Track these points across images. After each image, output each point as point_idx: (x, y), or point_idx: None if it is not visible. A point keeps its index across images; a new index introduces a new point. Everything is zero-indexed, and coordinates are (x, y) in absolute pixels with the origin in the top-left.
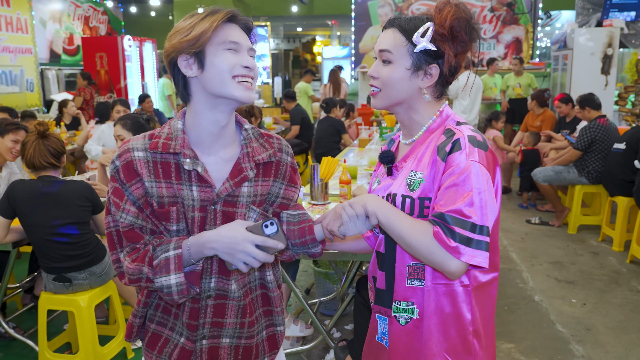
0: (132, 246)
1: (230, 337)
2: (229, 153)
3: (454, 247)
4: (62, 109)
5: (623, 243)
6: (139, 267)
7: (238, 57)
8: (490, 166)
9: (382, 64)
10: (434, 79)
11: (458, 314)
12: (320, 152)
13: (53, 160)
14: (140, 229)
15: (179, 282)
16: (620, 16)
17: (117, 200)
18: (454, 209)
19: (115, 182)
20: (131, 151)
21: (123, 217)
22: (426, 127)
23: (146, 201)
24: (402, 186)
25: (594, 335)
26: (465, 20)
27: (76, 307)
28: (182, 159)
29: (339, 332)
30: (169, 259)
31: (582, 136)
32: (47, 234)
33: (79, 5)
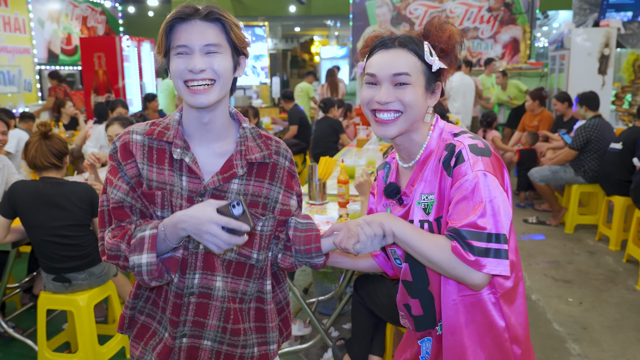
0: (117, 223)
1: (211, 340)
2: (223, 147)
3: (474, 260)
4: (60, 109)
5: (620, 242)
6: (118, 243)
7: (187, 61)
8: (496, 171)
9: (393, 88)
10: (437, 97)
11: (491, 323)
12: (318, 152)
13: (55, 160)
14: (129, 208)
15: (149, 261)
16: (617, 16)
17: (111, 177)
18: (468, 222)
19: (112, 160)
20: (130, 133)
21: (114, 192)
22: (425, 146)
23: (139, 181)
24: (418, 211)
25: (590, 334)
26: (461, 40)
27: (75, 306)
28: (173, 148)
29: (337, 331)
30: (144, 238)
31: (577, 136)
32: (47, 234)
33: (76, 5)
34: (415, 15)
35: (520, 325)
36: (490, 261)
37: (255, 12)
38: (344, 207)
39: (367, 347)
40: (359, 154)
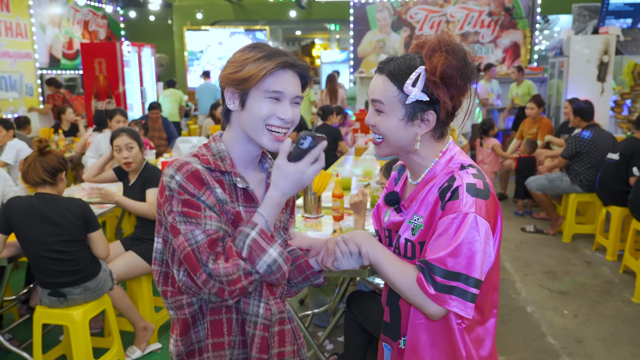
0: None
1: None
2: (257, 175)
3: (434, 295)
4: (60, 115)
5: (616, 252)
6: (236, 262)
7: (277, 107)
8: (489, 214)
9: (376, 113)
10: (431, 125)
11: (455, 349)
12: None
13: (46, 176)
14: (223, 238)
15: (279, 251)
16: (616, 23)
17: (191, 211)
18: (438, 257)
19: (182, 194)
20: (190, 163)
21: (208, 224)
22: (428, 170)
23: (220, 209)
24: (407, 229)
25: (584, 347)
26: (457, 67)
27: (71, 321)
28: (234, 178)
29: (332, 344)
30: (255, 240)
31: (568, 145)
32: (42, 250)
33: (78, 10)
34: (415, 20)
35: (480, 356)
36: (453, 299)
37: (256, 16)
38: (338, 220)
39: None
40: (356, 164)
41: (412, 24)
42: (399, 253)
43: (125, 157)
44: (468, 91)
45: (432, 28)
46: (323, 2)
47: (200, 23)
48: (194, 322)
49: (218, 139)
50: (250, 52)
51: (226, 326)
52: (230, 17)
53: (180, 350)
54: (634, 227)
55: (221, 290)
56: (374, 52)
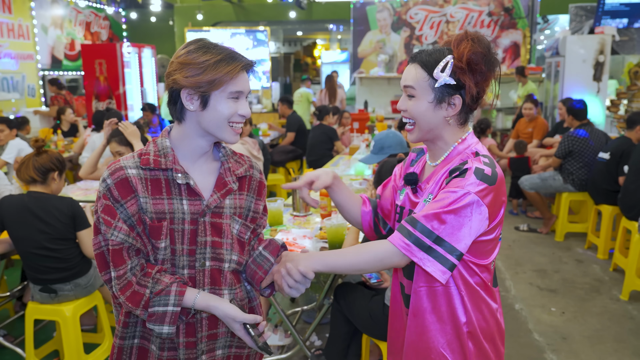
0: (119, 273)
1: (222, 348)
2: (210, 167)
3: (405, 245)
4: (60, 116)
5: (607, 251)
6: (133, 308)
7: (238, 105)
8: (490, 201)
9: (407, 98)
10: (457, 108)
11: (453, 314)
12: (313, 159)
13: (35, 174)
14: (127, 250)
15: (170, 332)
16: (612, 23)
17: (107, 218)
18: (425, 214)
19: (107, 199)
20: (124, 169)
21: (115, 234)
22: (447, 154)
23: (139, 218)
24: (421, 207)
25: (570, 344)
26: (482, 54)
27: (61, 317)
28: (174, 174)
29: (320, 340)
30: (167, 314)
31: (561, 144)
32: (33, 247)
33: (80, 11)
34: (415, 20)
35: (483, 328)
36: (429, 260)
37: (257, 17)
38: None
39: (343, 352)
40: (349, 164)
41: (412, 24)
42: None
43: None
44: (492, 78)
45: (432, 28)
46: (323, 3)
47: (201, 24)
48: None
49: (165, 135)
50: (204, 54)
51: None
52: (231, 18)
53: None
54: (623, 225)
55: (114, 297)
56: (374, 53)
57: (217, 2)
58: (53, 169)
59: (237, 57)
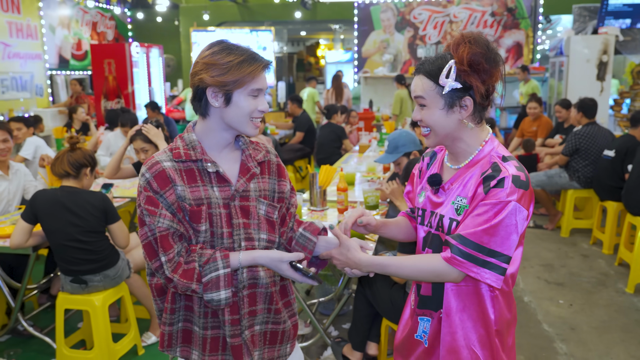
0: (169, 257)
1: (260, 324)
2: (232, 156)
3: (467, 267)
4: (71, 114)
5: (613, 246)
6: (188, 284)
7: (258, 102)
8: (527, 203)
9: (420, 108)
10: (470, 109)
11: (484, 312)
12: (322, 157)
13: (69, 169)
14: (172, 235)
15: (228, 296)
16: (615, 23)
17: (151, 208)
18: (474, 231)
19: (148, 191)
20: (160, 162)
21: (160, 221)
22: (473, 157)
23: (178, 206)
24: (450, 209)
25: (578, 334)
26: (481, 53)
27: (91, 306)
28: (204, 164)
29: (336, 331)
30: (220, 277)
31: (568, 142)
32: (65, 239)
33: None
34: (419, 20)
35: (505, 325)
36: (487, 272)
37: (262, 17)
38: (342, 213)
39: (365, 333)
40: (360, 161)
41: (415, 24)
42: (442, 230)
43: (142, 159)
44: (497, 73)
45: (435, 28)
46: (328, 3)
47: (207, 24)
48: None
49: (191, 129)
50: (227, 55)
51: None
52: (236, 18)
53: (160, 307)
54: (628, 221)
55: (168, 281)
56: (378, 52)
57: (222, 3)
58: (86, 165)
59: (257, 58)
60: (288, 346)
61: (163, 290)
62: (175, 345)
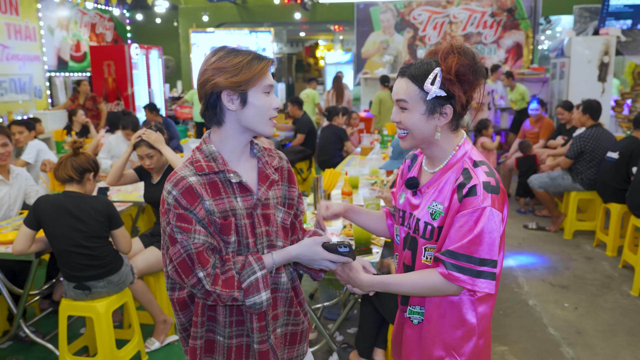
0: (208, 271)
1: (281, 327)
2: (250, 164)
3: (464, 280)
4: (71, 117)
5: (616, 248)
6: (230, 293)
7: (271, 99)
8: (500, 206)
9: (400, 111)
10: (449, 117)
11: (463, 319)
12: (323, 159)
13: (72, 173)
14: (207, 249)
15: (268, 297)
16: (616, 24)
17: (184, 225)
18: (462, 245)
19: (177, 209)
20: (185, 178)
21: (196, 237)
22: (446, 162)
23: (208, 220)
24: (426, 213)
25: (584, 338)
26: (469, 65)
27: (95, 313)
28: (227, 175)
29: (342, 336)
30: (258, 280)
31: (573, 145)
32: (69, 245)
33: (85, 13)
34: (419, 21)
35: (485, 327)
36: (482, 282)
37: (261, 18)
38: None
39: (372, 339)
40: (363, 163)
41: (415, 25)
42: (418, 233)
43: (147, 165)
44: (479, 85)
45: (435, 29)
46: (327, 4)
47: (206, 25)
48: (191, 300)
49: (208, 140)
50: (235, 56)
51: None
52: (236, 19)
53: (182, 321)
54: (632, 223)
55: (208, 295)
56: (378, 53)
57: (221, 4)
58: (89, 170)
59: (263, 57)
60: (305, 345)
61: (186, 304)
62: (199, 357)
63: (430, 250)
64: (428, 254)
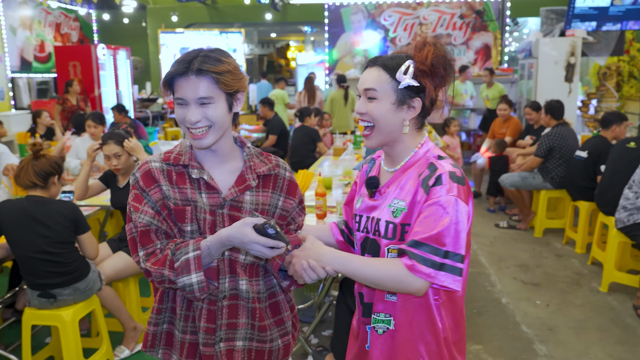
0: (148, 251)
1: (243, 340)
2: (232, 167)
3: (427, 273)
4: (35, 119)
5: (585, 245)
6: (160, 270)
7: (185, 112)
8: (466, 198)
9: (367, 101)
10: (417, 111)
11: (432, 322)
12: (296, 160)
13: (36, 180)
14: (155, 231)
15: (199, 280)
16: (582, 26)
17: (136, 204)
18: (429, 236)
19: (135, 189)
20: (149, 162)
21: (141, 217)
22: (408, 159)
23: (163, 204)
24: (387, 212)
25: (556, 335)
26: (443, 57)
27: (61, 322)
28: (190, 170)
29: (317, 339)
30: (189, 260)
31: (541, 144)
32: (32, 251)
33: (49, 12)
34: (389, 22)
35: (454, 329)
36: (443, 275)
37: (231, 18)
38: (321, 218)
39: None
40: (336, 164)
41: (386, 26)
42: (379, 234)
43: (114, 165)
44: (448, 82)
45: (405, 30)
46: (298, 5)
47: (175, 25)
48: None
49: None
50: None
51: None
52: (206, 20)
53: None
54: (600, 220)
55: (146, 273)
56: (349, 54)
57: (191, 4)
58: (53, 173)
59: (175, 65)
60: None
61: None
62: (158, 346)
63: (393, 251)
64: (391, 255)
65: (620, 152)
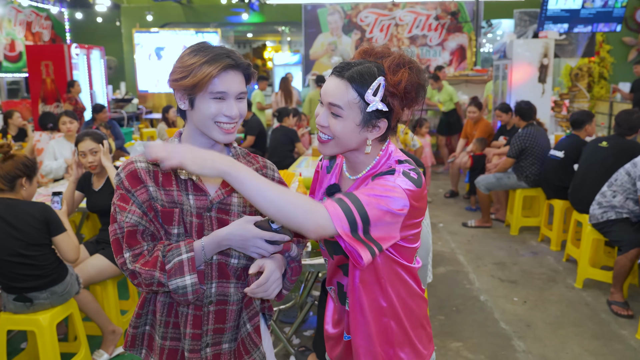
0: (135, 252)
1: (229, 342)
2: None
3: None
4: (7, 120)
5: (560, 243)
6: (151, 272)
7: (223, 106)
8: (415, 200)
9: (331, 116)
10: (382, 131)
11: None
12: (275, 161)
13: (2, 184)
14: (142, 232)
15: (193, 282)
16: (554, 28)
17: (122, 204)
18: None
19: (120, 189)
20: (134, 162)
21: (128, 217)
22: (369, 168)
23: (150, 205)
24: None
25: (534, 331)
26: (417, 84)
27: (37, 326)
28: (178, 170)
29: (298, 339)
30: (183, 261)
31: (512, 145)
32: (6, 254)
33: (20, 11)
34: (366, 23)
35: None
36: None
37: (207, 18)
38: None
39: None
40: (315, 164)
41: (362, 27)
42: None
43: (90, 162)
44: (418, 104)
45: (382, 31)
46: (275, 5)
47: (150, 25)
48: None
49: (177, 135)
50: (195, 55)
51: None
52: (181, 19)
53: None
54: (574, 218)
55: (133, 276)
56: (326, 55)
57: (166, 3)
58: (20, 175)
59: (221, 57)
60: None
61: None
62: (140, 347)
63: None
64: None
65: (592, 151)
